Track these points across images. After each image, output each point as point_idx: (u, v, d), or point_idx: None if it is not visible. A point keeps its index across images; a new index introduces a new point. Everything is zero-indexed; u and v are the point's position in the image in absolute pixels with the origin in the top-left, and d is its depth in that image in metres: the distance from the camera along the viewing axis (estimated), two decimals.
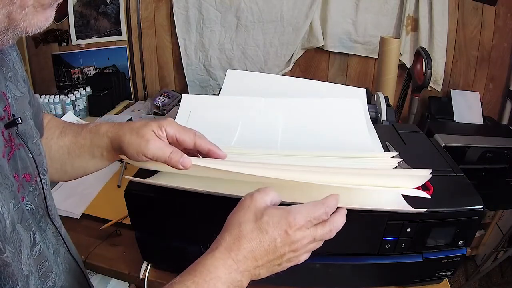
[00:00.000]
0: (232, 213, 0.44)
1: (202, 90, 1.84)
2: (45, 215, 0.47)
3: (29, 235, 0.40)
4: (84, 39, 1.77)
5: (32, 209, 0.43)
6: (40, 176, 0.45)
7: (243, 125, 0.73)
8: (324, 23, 1.65)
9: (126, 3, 1.71)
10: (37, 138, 0.48)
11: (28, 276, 0.38)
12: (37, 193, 0.45)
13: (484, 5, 1.54)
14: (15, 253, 0.36)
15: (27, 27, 0.33)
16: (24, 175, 0.42)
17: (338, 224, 0.44)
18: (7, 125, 0.39)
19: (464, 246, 0.60)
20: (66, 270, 0.50)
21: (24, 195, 0.42)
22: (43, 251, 0.43)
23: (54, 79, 1.83)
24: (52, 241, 0.48)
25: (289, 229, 0.41)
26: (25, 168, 0.43)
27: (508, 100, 1.67)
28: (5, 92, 0.41)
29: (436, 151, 0.72)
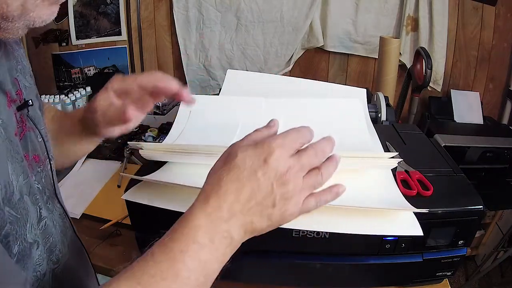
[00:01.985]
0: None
1: (202, 90, 1.84)
2: (52, 197, 0.48)
3: (35, 209, 0.42)
4: (84, 39, 1.77)
5: (39, 188, 0.44)
6: (49, 159, 0.48)
7: (243, 125, 0.73)
8: (324, 23, 1.65)
9: (126, 3, 1.71)
10: (44, 126, 0.49)
11: (33, 244, 0.39)
12: (44, 174, 0.46)
13: (484, 5, 1.54)
14: (20, 219, 0.37)
15: (35, 18, 0.35)
16: (34, 156, 0.44)
17: (323, 145, 0.40)
18: (19, 107, 0.42)
19: (464, 246, 0.60)
20: (73, 251, 0.51)
21: (33, 174, 0.43)
22: (49, 227, 0.44)
23: (54, 79, 1.83)
24: (59, 223, 0.48)
25: (268, 156, 0.37)
26: (35, 149, 0.44)
27: (508, 100, 1.67)
28: (17, 78, 0.44)
29: (436, 151, 0.72)
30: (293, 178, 0.37)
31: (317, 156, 0.40)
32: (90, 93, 1.64)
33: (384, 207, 0.53)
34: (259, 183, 0.36)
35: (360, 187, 0.58)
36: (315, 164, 0.40)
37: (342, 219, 0.52)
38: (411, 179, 0.59)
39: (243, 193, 0.36)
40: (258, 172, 0.36)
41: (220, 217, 0.36)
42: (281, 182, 0.37)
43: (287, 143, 0.38)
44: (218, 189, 0.37)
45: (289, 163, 0.37)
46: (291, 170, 0.37)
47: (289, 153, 0.38)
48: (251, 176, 0.36)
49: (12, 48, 0.46)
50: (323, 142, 0.41)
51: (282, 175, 0.37)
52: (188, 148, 0.61)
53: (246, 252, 0.62)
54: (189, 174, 0.60)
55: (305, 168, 0.39)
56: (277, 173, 0.37)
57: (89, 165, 1.11)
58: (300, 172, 0.38)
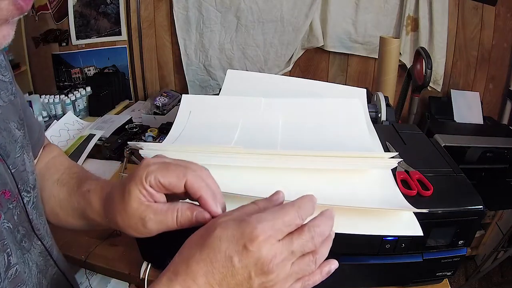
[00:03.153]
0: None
1: (202, 90, 1.84)
2: (29, 234, 0.43)
3: (3, 257, 0.37)
4: (84, 39, 1.77)
5: (10, 228, 0.39)
6: (20, 194, 0.42)
7: (243, 125, 0.73)
8: (324, 23, 1.65)
9: (126, 3, 1.71)
10: (21, 152, 0.44)
11: None
12: (18, 211, 0.41)
13: (484, 5, 1.54)
14: None
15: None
16: (3, 191, 0.39)
17: (322, 228, 0.34)
18: None
19: (464, 246, 0.60)
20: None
21: (2, 212, 0.38)
22: (19, 274, 0.39)
23: (54, 79, 1.83)
24: (37, 262, 0.44)
25: (249, 243, 0.31)
26: (4, 184, 0.39)
27: (508, 100, 1.67)
28: None
29: (436, 151, 0.72)
30: (278, 267, 0.32)
31: (313, 241, 0.33)
32: (90, 93, 1.64)
33: (384, 207, 0.53)
34: (233, 271, 0.31)
35: (360, 187, 0.58)
36: (310, 249, 0.34)
37: (342, 219, 0.51)
38: (411, 179, 0.59)
39: (214, 277, 0.32)
40: (234, 258, 0.31)
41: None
42: (262, 271, 0.32)
43: (277, 227, 0.32)
44: (187, 268, 0.33)
45: (275, 250, 0.32)
46: (277, 258, 0.32)
47: (277, 237, 0.32)
48: (225, 261, 0.31)
49: None
50: (323, 221, 0.34)
51: (265, 264, 0.31)
52: (188, 148, 0.61)
53: None
54: None
55: (296, 255, 0.33)
56: (258, 262, 0.31)
57: (89, 165, 1.11)
58: (288, 260, 0.33)
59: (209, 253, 0.32)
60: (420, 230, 0.50)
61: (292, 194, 0.53)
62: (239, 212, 0.36)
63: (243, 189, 0.53)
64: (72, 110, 1.51)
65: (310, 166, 0.59)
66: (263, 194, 0.52)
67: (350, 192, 0.56)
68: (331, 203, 0.51)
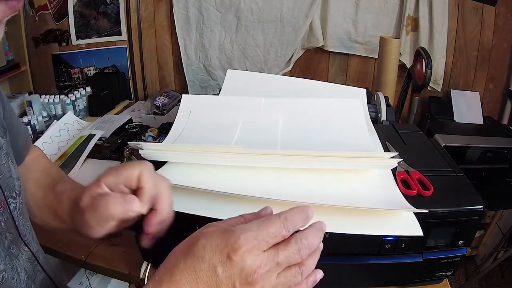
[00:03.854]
0: None
1: (202, 90, 1.84)
2: (17, 240, 0.43)
3: None
4: (84, 39, 1.77)
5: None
6: (7, 201, 0.42)
7: (243, 125, 0.73)
8: (324, 23, 1.65)
9: (126, 3, 1.71)
10: (6, 159, 0.44)
11: None
12: (5, 217, 0.41)
13: (484, 5, 1.54)
14: None
15: None
16: None
17: (310, 241, 0.34)
18: None
19: (464, 246, 0.60)
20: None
21: None
22: (6, 280, 0.39)
23: (54, 79, 1.83)
24: (26, 267, 0.44)
25: (232, 253, 0.31)
26: None
27: (508, 100, 1.67)
28: None
29: (436, 151, 0.72)
30: (263, 278, 0.32)
31: (300, 253, 0.33)
32: (90, 93, 1.64)
33: (384, 207, 0.53)
34: (217, 280, 0.31)
35: (360, 187, 0.58)
36: (296, 261, 0.33)
37: (342, 219, 0.52)
38: (411, 179, 0.59)
39: (198, 286, 0.32)
40: (218, 268, 0.31)
41: None
42: (247, 282, 0.31)
43: (261, 237, 0.32)
44: (171, 276, 0.32)
45: (260, 261, 0.32)
46: (261, 269, 0.32)
47: (262, 248, 0.32)
48: (209, 271, 0.31)
49: None
50: (311, 234, 0.34)
51: (249, 275, 0.31)
52: (188, 148, 0.61)
53: None
54: (189, 174, 0.60)
55: (281, 266, 0.33)
56: (242, 272, 0.31)
57: (89, 165, 1.11)
58: (274, 271, 0.33)
59: (193, 261, 0.32)
60: (420, 230, 0.50)
61: (292, 194, 0.53)
62: (225, 223, 0.36)
63: (243, 189, 0.53)
64: (72, 110, 1.51)
65: (310, 166, 0.59)
66: (263, 194, 0.52)
67: (350, 192, 0.56)
68: (331, 203, 0.51)
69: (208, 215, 0.52)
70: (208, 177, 0.59)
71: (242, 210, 0.53)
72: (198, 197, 0.55)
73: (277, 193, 0.53)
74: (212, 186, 0.53)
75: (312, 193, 0.55)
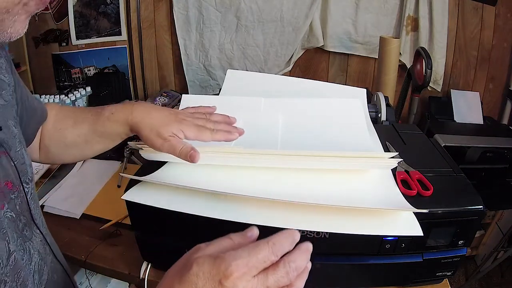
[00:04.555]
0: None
1: (202, 90, 1.84)
2: (30, 223, 0.46)
3: (4, 244, 0.39)
4: (84, 39, 1.77)
5: (13, 217, 0.42)
6: (23, 185, 0.45)
7: (243, 125, 0.73)
8: (324, 23, 1.65)
9: (126, 3, 1.71)
10: (20, 147, 0.47)
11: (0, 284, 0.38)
12: (19, 201, 0.44)
13: (484, 5, 1.54)
14: None
15: (12, 33, 0.35)
16: (6, 182, 0.42)
17: (298, 263, 0.35)
18: None
19: (464, 246, 0.60)
20: (53, 279, 0.49)
21: (5, 202, 0.41)
22: (18, 261, 0.41)
23: (54, 79, 1.83)
24: (39, 249, 0.47)
25: (224, 279, 0.33)
26: (7, 175, 0.42)
27: (508, 100, 1.67)
28: None
29: (436, 151, 0.72)
30: None
31: (288, 276, 0.35)
32: (90, 93, 1.64)
33: (384, 207, 0.53)
34: None
35: (360, 187, 0.58)
36: (285, 284, 0.35)
37: (342, 219, 0.52)
38: (411, 179, 0.59)
39: None
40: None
41: None
42: None
43: (251, 264, 0.34)
44: None
45: (251, 286, 0.33)
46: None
47: (252, 273, 0.34)
48: None
49: None
50: (298, 256, 0.36)
51: None
52: None
53: None
54: (189, 174, 0.60)
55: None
56: None
57: (89, 165, 1.11)
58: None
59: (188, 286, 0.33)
60: (420, 230, 0.50)
61: (292, 194, 0.53)
62: (215, 248, 0.37)
63: (243, 189, 0.53)
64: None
65: (310, 166, 0.59)
66: (263, 194, 0.52)
67: (350, 192, 0.56)
68: (331, 203, 0.51)
69: (208, 215, 0.52)
70: (208, 177, 0.59)
71: (242, 210, 0.53)
72: (198, 197, 0.55)
73: (277, 193, 0.53)
74: (212, 186, 0.53)
75: (312, 193, 0.55)
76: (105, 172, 1.06)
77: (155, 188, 0.57)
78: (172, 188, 0.56)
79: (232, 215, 0.52)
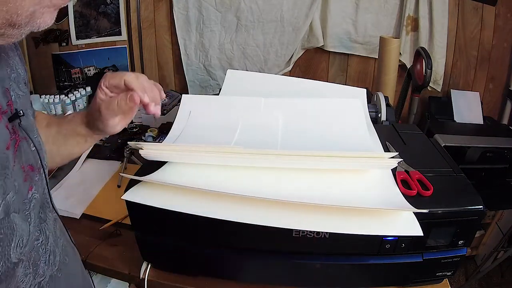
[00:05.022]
0: None
1: (202, 90, 1.84)
2: (46, 206, 0.48)
3: (26, 225, 0.41)
4: (84, 39, 1.76)
5: (37, 199, 0.45)
6: (43, 168, 0.48)
7: (243, 125, 0.73)
8: (324, 23, 1.65)
9: (126, 3, 1.71)
10: (37, 134, 0.50)
11: (18, 263, 0.39)
12: (41, 183, 0.47)
13: (484, 5, 1.54)
14: (4, 239, 0.37)
15: (41, 23, 0.37)
16: (30, 166, 0.44)
17: None
18: (10, 118, 0.42)
19: (464, 246, 0.60)
20: (64, 261, 0.51)
21: (32, 184, 0.43)
22: (35, 242, 0.44)
23: (54, 79, 1.83)
24: (52, 231, 0.49)
25: None
26: (28, 159, 0.44)
27: (508, 100, 1.67)
28: (8, 89, 0.44)
29: (436, 151, 0.72)
30: None
31: None
32: (90, 93, 1.64)
33: (384, 207, 0.53)
34: None
35: (360, 187, 0.58)
36: None
37: (342, 219, 0.52)
38: (411, 179, 0.59)
39: None
40: None
41: None
42: None
43: None
44: None
45: None
46: None
47: None
48: None
49: (7, 55, 0.46)
50: None
51: None
52: (188, 148, 0.61)
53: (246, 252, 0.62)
54: (189, 174, 0.60)
55: None
56: None
57: (89, 165, 1.11)
58: None
59: None
60: (420, 230, 0.50)
61: (292, 194, 0.53)
62: None
63: (243, 189, 0.53)
64: (72, 110, 1.51)
65: (310, 166, 0.59)
66: (263, 194, 0.52)
67: (350, 192, 0.56)
68: (331, 203, 0.51)
69: (208, 215, 0.52)
70: (208, 177, 0.59)
71: (242, 210, 0.53)
72: (198, 197, 0.55)
73: (277, 193, 0.53)
74: (212, 186, 0.53)
75: (312, 193, 0.55)
76: (105, 172, 1.06)
77: (155, 188, 0.57)
78: (172, 188, 0.55)
79: (232, 215, 0.52)
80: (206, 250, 0.63)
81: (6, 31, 0.35)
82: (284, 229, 0.51)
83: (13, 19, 0.34)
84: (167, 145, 0.67)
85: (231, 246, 0.62)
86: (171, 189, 0.56)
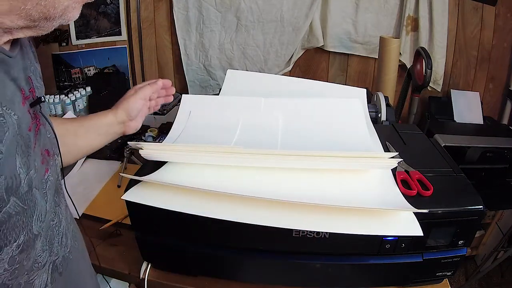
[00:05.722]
0: None
1: (202, 90, 1.84)
2: (59, 191, 0.51)
3: (44, 202, 0.43)
4: (84, 39, 1.76)
5: (52, 181, 0.47)
6: (60, 153, 0.51)
7: (243, 125, 0.73)
8: (324, 23, 1.65)
9: (126, 3, 1.71)
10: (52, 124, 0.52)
11: (38, 236, 0.42)
12: (55, 168, 0.49)
13: (484, 5, 1.54)
14: (27, 210, 0.39)
15: (70, 17, 0.40)
16: (46, 150, 0.46)
17: None
18: (32, 103, 0.44)
19: (464, 246, 0.60)
20: (75, 246, 0.53)
21: (48, 167, 0.46)
22: (52, 221, 0.46)
23: (54, 79, 1.83)
24: (64, 216, 0.51)
25: None
26: (45, 144, 0.47)
27: (508, 100, 1.67)
28: (30, 77, 0.46)
29: (436, 151, 0.72)
30: None
31: None
32: (90, 93, 1.64)
33: (384, 207, 0.53)
34: None
35: (360, 187, 0.58)
36: None
37: (342, 219, 0.52)
38: (411, 179, 0.59)
39: None
40: None
41: None
42: None
43: None
44: None
45: None
46: None
47: None
48: None
49: (27, 49, 0.49)
50: None
51: None
52: (189, 148, 0.61)
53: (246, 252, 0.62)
54: (189, 174, 0.60)
55: None
56: None
57: (89, 165, 1.11)
58: None
59: None
60: (420, 230, 0.50)
61: (292, 194, 0.53)
62: None
63: (243, 189, 0.53)
64: (72, 110, 1.51)
65: (310, 166, 0.59)
66: (263, 194, 0.52)
67: (350, 192, 0.56)
68: (331, 203, 0.51)
69: (208, 215, 0.52)
70: (208, 177, 0.59)
71: (242, 210, 0.53)
72: (198, 197, 0.55)
73: (277, 193, 0.53)
74: (212, 186, 0.53)
75: (312, 193, 0.55)
76: (105, 172, 1.06)
77: (155, 188, 0.57)
78: (172, 188, 0.56)
79: (232, 215, 0.52)
80: (206, 250, 0.63)
81: (40, 24, 0.38)
82: (284, 229, 0.51)
83: (49, 12, 0.36)
84: (167, 145, 0.67)
85: (231, 246, 0.62)
86: (171, 189, 0.56)
